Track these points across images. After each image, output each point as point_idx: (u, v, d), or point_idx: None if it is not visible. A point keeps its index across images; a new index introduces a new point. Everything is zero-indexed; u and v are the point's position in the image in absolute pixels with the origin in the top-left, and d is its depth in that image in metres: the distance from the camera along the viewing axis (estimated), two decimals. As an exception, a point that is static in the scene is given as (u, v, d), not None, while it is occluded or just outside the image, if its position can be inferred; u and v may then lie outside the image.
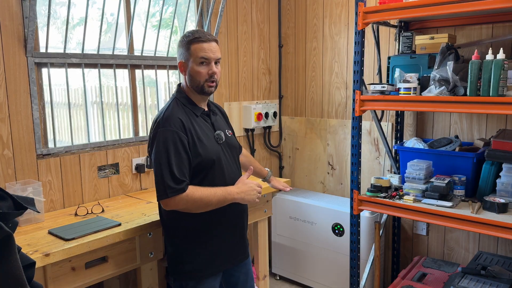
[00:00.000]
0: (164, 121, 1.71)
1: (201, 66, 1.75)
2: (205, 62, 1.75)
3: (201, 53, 1.73)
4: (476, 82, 1.95)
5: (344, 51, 3.10)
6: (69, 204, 2.29)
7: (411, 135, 2.80)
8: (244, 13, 3.20)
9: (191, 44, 1.75)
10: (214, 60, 1.76)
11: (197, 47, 1.74)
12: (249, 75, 3.29)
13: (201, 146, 1.74)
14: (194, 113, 1.80)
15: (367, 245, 2.78)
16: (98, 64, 2.42)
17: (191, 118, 1.77)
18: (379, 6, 2.20)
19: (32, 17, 2.04)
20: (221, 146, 1.83)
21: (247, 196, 1.77)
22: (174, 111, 1.75)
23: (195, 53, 1.74)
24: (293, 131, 3.49)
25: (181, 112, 1.76)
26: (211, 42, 1.76)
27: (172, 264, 1.85)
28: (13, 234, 0.98)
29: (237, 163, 1.94)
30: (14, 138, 2.09)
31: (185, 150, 1.69)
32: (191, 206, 1.69)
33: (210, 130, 1.82)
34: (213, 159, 1.76)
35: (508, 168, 2.11)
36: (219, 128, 1.87)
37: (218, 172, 1.79)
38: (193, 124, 1.76)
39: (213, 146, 1.79)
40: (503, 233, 1.92)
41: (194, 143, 1.72)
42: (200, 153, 1.73)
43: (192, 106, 1.81)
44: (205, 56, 1.74)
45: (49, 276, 1.69)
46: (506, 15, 2.30)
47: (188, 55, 1.76)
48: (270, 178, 2.23)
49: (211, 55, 1.75)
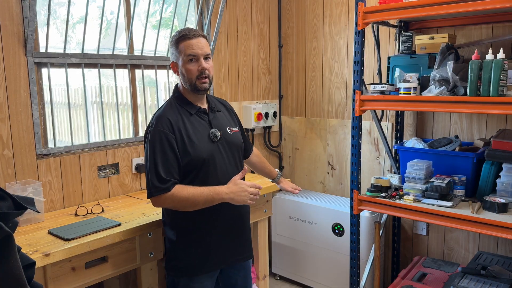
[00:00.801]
0: (154, 122, 1.74)
1: (191, 64, 1.74)
2: (193, 58, 1.74)
3: (189, 51, 1.73)
4: (476, 82, 1.95)
5: (344, 51, 3.10)
6: (69, 204, 2.29)
7: (411, 135, 2.80)
8: (244, 13, 3.20)
9: (178, 42, 1.75)
10: (202, 56, 1.75)
11: (184, 45, 1.73)
12: (249, 75, 3.29)
13: (191, 145, 1.73)
14: (189, 112, 1.79)
15: (367, 245, 2.78)
16: (98, 64, 2.42)
17: (184, 117, 1.77)
18: (379, 6, 2.20)
19: (32, 17, 2.04)
20: (217, 144, 1.81)
21: (237, 197, 1.73)
22: (165, 111, 1.77)
23: (183, 51, 1.74)
24: (293, 131, 3.49)
25: (173, 112, 1.77)
26: (198, 38, 1.75)
27: (168, 260, 1.86)
28: (13, 234, 0.98)
29: (237, 161, 1.90)
30: (14, 138, 2.09)
31: (172, 150, 1.70)
32: (178, 205, 1.71)
33: (206, 128, 1.80)
34: (203, 158, 1.74)
35: (508, 168, 2.11)
36: (218, 125, 1.84)
37: (211, 171, 1.77)
38: (184, 123, 1.75)
39: (206, 144, 1.77)
40: (503, 233, 1.92)
41: (183, 142, 1.72)
42: (189, 152, 1.72)
43: (187, 105, 1.81)
44: (193, 53, 1.73)
45: (49, 276, 1.69)
46: (506, 15, 2.30)
47: (178, 54, 1.77)
48: (280, 180, 2.21)
49: (199, 51, 1.74)
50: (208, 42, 1.80)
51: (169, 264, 1.85)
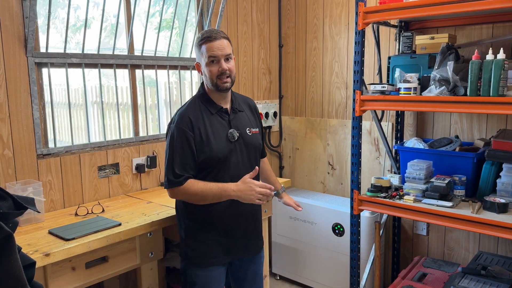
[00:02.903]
0: (176, 118, 1.84)
1: (211, 65, 1.81)
2: (214, 60, 1.81)
3: (209, 52, 1.80)
4: (476, 82, 1.95)
5: (344, 51, 3.10)
6: (69, 204, 2.29)
7: (411, 135, 2.80)
8: (244, 13, 3.20)
9: (201, 44, 1.83)
10: (223, 57, 1.81)
11: (206, 47, 1.81)
12: (249, 75, 3.29)
13: (208, 144, 1.80)
14: (210, 111, 1.86)
15: (367, 245, 2.78)
16: (98, 64, 2.42)
17: (205, 116, 1.84)
18: (379, 6, 2.20)
19: (32, 17, 2.04)
20: (235, 144, 1.87)
21: (244, 196, 1.79)
22: (188, 109, 1.85)
23: (205, 53, 1.81)
24: (293, 131, 3.49)
25: (195, 110, 1.85)
26: (220, 40, 1.81)
27: (180, 246, 1.95)
28: (14, 234, 0.98)
29: (253, 162, 1.94)
30: (14, 138, 2.09)
31: (189, 147, 1.79)
32: (189, 198, 1.82)
33: (225, 128, 1.86)
34: (218, 157, 1.82)
35: (508, 168, 2.11)
36: (238, 126, 1.90)
37: (223, 169, 1.84)
38: (204, 122, 1.83)
39: (223, 144, 1.83)
40: (503, 233, 1.92)
41: (201, 141, 1.80)
42: (205, 151, 1.80)
43: (209, 104, 1.87)
44: (213, 54, 1.80)
45: (49, 276, 1.69)
46: (506, 15, 2.30)
47: (200, 56, 1.85)
48: (282, 194, 2.22)
49: (219, 52, 1.80)
50: (230, 43, 1.86)
51: (182, 251, 1.93)
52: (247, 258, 2.00)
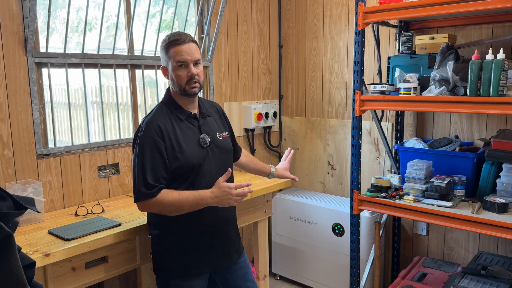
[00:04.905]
0: (144, 127, 1.74)
1: (180, 69, 1.74)
2: (183, 64, 1.74)
3: (178, 57, 1.72)
4: (476, 82, 1.95)
5: (344, 51, 3.10)
6: (69, 204, 2.29)
7: (411, 135, 2.80)
8: (244, 13, 3.20)
9: (168, 48, 1.75)
10: (192, 62, 1.75)
11: (174, 51, 1.73)
12: (249, 75, 3.29)
13: (180, 151, 1.73)
14: (179, 117, 1.79)
15: (367, 245, 2.78)
16: (98, 64, 2.42)
17: (174, 122, 1.77)
18: (379, 6, 2.20)
19: (32, 17, 2.04)
20: (207, 149, 1.81)
21: (221, 201, 1.72)
22: (155, 116, 1.76)
23: (173, 56, 1.73)
24: (293, 131, 3.49)
25: (163, 117, 1.76)
26: (188, 44, 1.74)
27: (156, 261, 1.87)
28: (13, 234, 0.98)
29: (227, 166, 1.88)
30: (14, 138, 2.09)
31: (161, 156, 1.70)
32: (163, 210, 1.71)
33: (196, 134, 1.80)
34: (193, 164, 1.75)
35: (508, 168, 2.11)
36: (208, 131, 1.84)
37: (199, 177, 1.77)
38: (174, 129, 1.75)
39: (196, 150, 1.77)
40: (503, 233, 1.92)
41: (172, 148, 1.72)
42: (178, 158, 1.72)
43: (178, 110, 1.80)
44: (182, 59, 1.72)
45: (49, 276, 1.69)
46: (506, 15, 2.30)
47: (167, 59, 1.76)
48: (275, 172, 2.19)
49: (188, 57, 1.73)
50: (198, 47, 1.80)
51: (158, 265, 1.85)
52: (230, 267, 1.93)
